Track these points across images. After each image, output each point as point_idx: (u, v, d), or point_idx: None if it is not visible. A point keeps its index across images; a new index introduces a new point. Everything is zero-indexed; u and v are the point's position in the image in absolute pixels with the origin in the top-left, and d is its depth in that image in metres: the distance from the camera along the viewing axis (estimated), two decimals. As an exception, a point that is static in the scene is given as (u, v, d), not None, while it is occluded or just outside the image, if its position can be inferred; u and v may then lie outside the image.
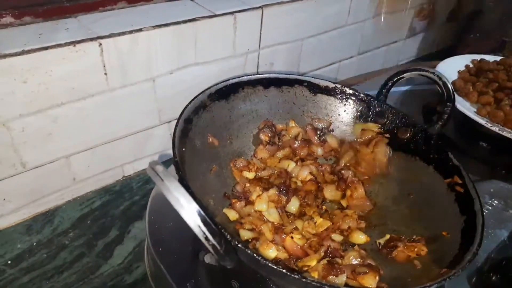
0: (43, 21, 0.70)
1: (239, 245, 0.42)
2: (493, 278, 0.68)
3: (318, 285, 0.41)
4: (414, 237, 0.60)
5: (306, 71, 1.10)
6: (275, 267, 0.41)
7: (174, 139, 0.53)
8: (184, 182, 0.46)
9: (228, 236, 0.41)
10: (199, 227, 0.38)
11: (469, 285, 0.67)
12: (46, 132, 0.69)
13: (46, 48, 0.63)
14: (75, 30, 0.69)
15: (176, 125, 0.56)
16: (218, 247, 0.39)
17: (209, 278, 0.63)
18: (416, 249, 0.57)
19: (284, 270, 0.40)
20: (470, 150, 0.96)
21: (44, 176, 0.73)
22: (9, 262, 0.74)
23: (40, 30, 0.67)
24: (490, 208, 0.79)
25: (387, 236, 0.62)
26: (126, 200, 0.87)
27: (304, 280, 0.40)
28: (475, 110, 0.95)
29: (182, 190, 0.37)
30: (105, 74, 0.71)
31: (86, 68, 0.67)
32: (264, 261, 0.41)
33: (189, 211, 0.37)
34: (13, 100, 0.62)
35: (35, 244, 0.77)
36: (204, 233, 0.38)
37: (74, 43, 0.66)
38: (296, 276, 0.40)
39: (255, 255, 0.41)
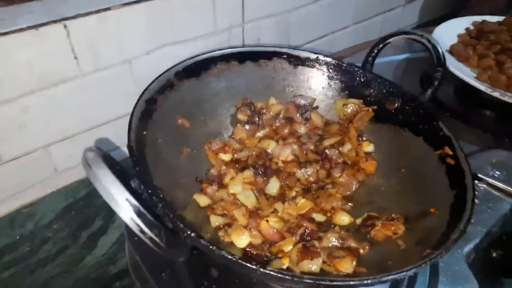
0: (6, 5, 0.67)
1: (191, 234, 0.38)
2: (493, 254, 0.64)
3: (279, 276, 0.37)
4: (393, 215, 0.55)
5: (297, 45, 1.05)
6: (230, 257, 0.37)
7: (131, 122, 0.50)
8: (137, 169, 0.43)
9: (179, 224, 0.38)
10: (132, 219, 0.34)
11: (466, 263, 0.63)
12: (18, 122, 0.66)
13: (6, 33, 0.60)
14: (39, 14, 0.65)
15: (135, 107, 0.52)
16: (157, 239, 0.36)
17: (187, 267, 0.60)
18: (393, 228, 0.53)
19: (240, 261, 0.37)
20: (471, 119, 0.90)
21: (23, 168, 0.71)
22: (-9, 257, 0.73)
23: (1, 15, 0.64)
24: (492, 179, 0.73)
25: (365, 215, 0.58)
26: (112, 188, 0.85)
27: (262, 271, 0.37)
28: (475, 76, 0.88)
29: (111, 178, 0.34)
30: (75, 58, 0.68)
31: (53, 53, 0.64)
32: (219, 251, 0.38)
33: (119, 202, 0.34)
34: (-23, 90, 0.60)
35: (18, 238, 0.75)
36: (138, 226, 0.34)
37: (36, 26, 0.63)
38: (254, 267, 0.37)
39: (208, 244, 0.38)
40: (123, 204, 0.34)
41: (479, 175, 0.74)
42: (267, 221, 0.55)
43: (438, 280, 0.62)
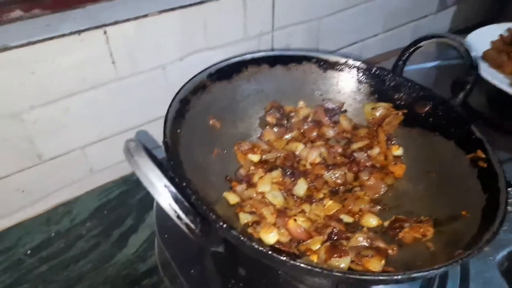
0: (51, 13, 0.71)
1: (223, 225, 0.39)
2: (527, 264, 0.62)
3: (308, 268, 0.38)
4: (422, 217, 0.55)
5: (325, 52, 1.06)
6: (260, 248, 0.38)
7: (166, 120, 0.52)
8: (172, 163, 0.44)
9: (212, 215, 0.39)
10: (170, 205, 0.36)
11: (499, 271, 0.61)
12: (59, 123, 0.69)
13: (51, 39, 0.64)
14: (81, 20, 0.68)
15: (170, 106, 0.54)
16: (193, 226, 0.37)
17: (215, 264, 0.61)
18: (422, 230, 0.52)
19: (270, 252, 0.38)
20: (505, 126, 0.88)
21: (61, 168, 0.74)
22: (29, 252, 0.76)
23: (47, 22, 0.68)
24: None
25: (393, 217, 0.58)
26: (143, 189, 0.86)
27: (292, 263, 0.37)
28: (509, 82, 0.86)
29: (151, 166, 0.36)
30: (113, 62, 0.71)
31: (93, 57, 0.67)
32: (250, 242, 0.38)
33: (158, 188, 0.36)
34: (23, 92, 0.63)
35: (53, 234, 0.78)
36: (175, 212, 0.36)
37: (78, 32, 0.66)
38: (284, 258, 0.37)
39: (239, 235, 0.39)
40: (162, 190, 0.36)
41: (513, 182, 0.72)
42: (295, 220, 0.56)
43: (468, 287, 0.60)
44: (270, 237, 0.53)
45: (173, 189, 0.36)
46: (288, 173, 0.63)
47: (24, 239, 0.75)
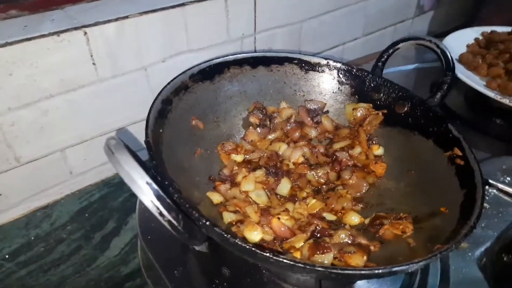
0: (29, 14, 0.70)
1: (206, 223, 0.39)
2: (505, 258, 0.63)
3: (291, 263, 0.38)
4: (401, 214, 0.56)
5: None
6: (244, 245, 0.38)
7: (148, 119, 0.52)
8: (154, 162, 0.44)
9: (195, 213, 0.39)
10: (152, 202, 0.36)
11: (478, 266, 0.63)
12: (38, 125, 0.68)
13: (29, 39, 0.63)
14: (60, 21, 0.68)
15: (152, 106, 0.54)
16: (175, 223, 0.37)
17: (199, 265, 0.61)
18: (401, 227, 0.53)
19: (253, 249, 0.38)
20: (482, 126, 0.90)
21: (40, 171, 0.72)
22: (7, 256, 0.74)
23: (25, 23, 0.67)
24: (502, 185, 0.73)
25: (373, 215, 0.59)
26: (125, 192, 0.86)
27: (275, 259, 0.38)
28: (485, 84, 0.89)
29: (133, 163, 0.35)
30: (94, 64, 0.70)
31: (73, 58, 0.67)
32: (233, 239, 0.39)
33: (140, 185, 0.35)
34: (0, 94, 0.62)
35: (33, 238, 0.77)
36: (157, 208, 0.36)
37: (58, 33, 0.65)
38: (267, 254, 0.38)
39: (223, 232, 0.39)
40: (144, 187, 0.36)
41: (490, 180, 0.74)
42: (279, 218, 0.56)
43: (449, 283, 0.62)
44: (254, 235, 0.53)
45: (155, 186, 0.36)
46: (271, 172, 0.63)
47: (1, 244, 0.73)
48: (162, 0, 0.76)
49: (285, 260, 0.37)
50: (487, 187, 0.73)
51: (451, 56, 0.66)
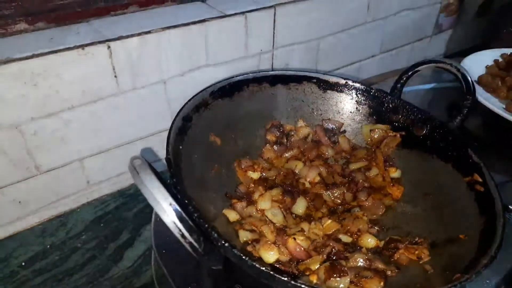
0: (55, 26, 0.71)
1: (225, 244, 0.39)
2: (523, 286, 0.62)
3: (309, 288, 0.38)
4: (417, 239, 0.55)
5: (325, 71, 1.07)
6: (262, 268, 0.38)
7: (169, 136, 0.52)
8: (174, 180, 0.44)
9: (214, 234, 0.39)
10: (174, 223, 0.36)
11: (495, 294, 0.61)
12: (59, 135, 0.69)
13: (55, 52, 0.64)
14: (85, 34, 0.69)
15: (173, 123, 0.55)
16: (196, 245, 0.37)
17: (212, 281, 0.61)
18: (417, 252, 0.53)
19: (271, 272, 0.38)
20: (501, 149, 0.89)
21: (58, 179, 0.73)
22: (23, 263, 0.75)
23: (51, 35, 0.68)
24: (520, 210, 0.72)
25: (387, 238, 0.58)
26: (140, 203, 0.87)
27: (293, 283, 0.38)
28: (504, 107, 0.88)
29: (157, 184, 0.36)
30: (115, 76, 0.71)
31: (95, 71, 0.68)
32: (251, 262, 0.39)
33: (163, 206, 0.36)
34: (24, 104, 0.63)
35: (48, 246, 0.77)
36: (179, 230, 0.36)
37: (83, 46, 0.66)
38: (285, 279, 0.38)
39: (241, 254, 0.39)
40: (167, 209, 0.36)
41: (509, 206, 0.73)
42: (294, 239, 0.56)
43: (465, 310, 0.60)
44: (270, 255, 0.53)
45: (178, 207, 0.36)
46: (287, 191, 0.63)
47: (18, 251, 0.74)
48: (183, 15, 0.77)
49: (303, 286, 0.37)
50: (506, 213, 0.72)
51: (471, 80, 0.66)
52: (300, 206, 0.64)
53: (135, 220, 0.86)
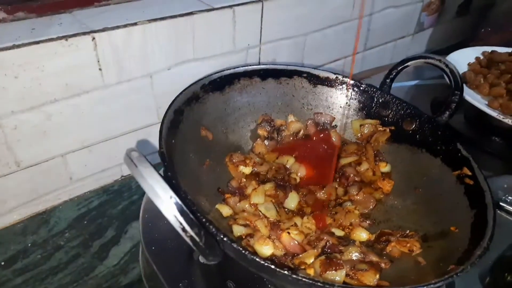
0: (37, 16, 0.69)
1: (224, 239, 0.39)
2: (508, 278, 0.64)
3: (310, 282, 0.37)
4: (408, 232, 0.56)
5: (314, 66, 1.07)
6: (262, 262, 0.38)
7: (162, 130, 0.51)
8: (169, 173, 0.43)
9: (212, 228, 0.38)
10: (175, 217, 0.35)
11: (481, 285, 0.63)
12: (40, 129, 0.67)
13: (37, 43, 0.62)
14: (68, 25, 0.67)
15: (165, 116, 0.54)
16: (197, 239, 0.36)
17: (203, 278, 0.60)
18: (408, 245, 0.53)
19: (272, 266, 0.37)
20: (483, 145, 0.91)
21: (40, 175, 0.71)
22: (2, 263, 0.72)
23: (33, 25, 0.66)
24: (504, 204, 0.74)
25: (379, 231, 0.59)
26: (125, 199, 0.85)
27: (294, 277, 0.37)
28: (487, 103, 0.90)
29: (157, 177, 0.35)
30: (100, 69, 0.69)
31: (79, 63, 0.66)
32: (251, 256, 0.38)
33: (164, 199, 0.35)
34: (4, 96, 0.61)
35: (30, 245, 0.75)
36: (180, 224, 0.35)
37: (66, 37, 0.64)
38: (286, 272, 0.37)
39: (241, 249, 0.38)
40: (168, 202, 0.35)
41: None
42: (289, 233, 0.56)
43: (453, 302, 0.62)
44: (265, 249, 0.53)
45: (178, 200, 0.35)
46: (279, 185, 0.63)
47: (-3, 250, 0.71)
48: (170, 8, 0.76)
49: (304, 279, 0.37)
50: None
51: (459, 76, 0.67)
52: (292, 201, 0.64)
53: (120, 217, 0.85)
